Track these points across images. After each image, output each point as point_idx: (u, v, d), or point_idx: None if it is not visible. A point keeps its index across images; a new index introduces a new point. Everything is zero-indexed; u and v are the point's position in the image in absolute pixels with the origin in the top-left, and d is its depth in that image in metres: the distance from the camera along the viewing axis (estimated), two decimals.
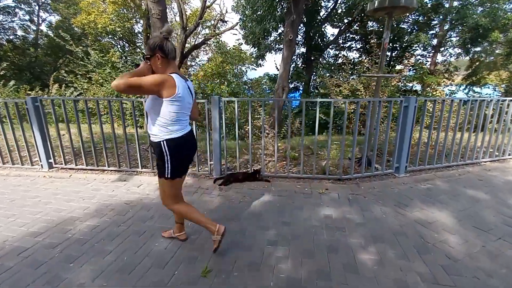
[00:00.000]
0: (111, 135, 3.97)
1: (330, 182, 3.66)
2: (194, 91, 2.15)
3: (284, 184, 3.60)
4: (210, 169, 3.93)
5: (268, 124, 5.57)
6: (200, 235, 2.46)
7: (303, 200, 3.15)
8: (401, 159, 3.87)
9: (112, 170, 4.12)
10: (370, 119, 3.72)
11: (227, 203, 3.08)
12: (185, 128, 2.03)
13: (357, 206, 3.00)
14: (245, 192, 3.39)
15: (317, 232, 2.50)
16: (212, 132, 3.75)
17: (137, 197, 3.25)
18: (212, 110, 3.65)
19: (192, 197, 3.25)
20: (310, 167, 4.29)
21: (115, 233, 2.50)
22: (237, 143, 3.83)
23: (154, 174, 3.98)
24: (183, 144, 2.00)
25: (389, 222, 2.66)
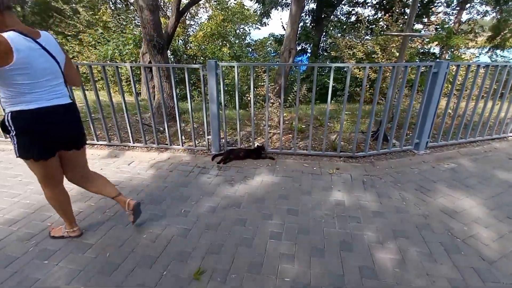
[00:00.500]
0: (103, 104, 3.54)
1: (341, 160, 3.27)
2: (62, 49, 1.66)
3: (290, 163, 3.23)
4: (208, 144, 3.55)
5: (273, 92, 5.03)
6: (195, 225, 2.17)
7: (311, 182, 2.80)
8: (422, 134, 3.42)
9: (102, 145, 3.77)
10: (392, 87, 3.18)
11: (226, 186, 2.75)
12: (41, 99, 1.54)
13: (373, 191, 2.64)
14: (247, 171, 3.04)
15: (328, 223, 2.18)
16: (209, 103, 3.29)
17: (126, 177, 2.94)
18: (208, 77, 3.15)
19: (188, 177, 2.92)
20: (319, 141, 3.88)
21: (98, 222, 2.22)
22: (237, 115, 3.38)
23: (148, 150, 3.63)
24: (35, 119, 1.55)
25: (411, 212, 2.32)
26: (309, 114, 5.65)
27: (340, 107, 5.97)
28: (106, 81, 3.32)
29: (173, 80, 3.25)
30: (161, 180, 2.86)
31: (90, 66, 3.34)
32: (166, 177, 2.92)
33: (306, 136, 4.13)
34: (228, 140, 3.87)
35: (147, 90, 3.34)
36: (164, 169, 3.11)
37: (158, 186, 2.74)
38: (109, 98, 3.42)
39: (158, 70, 3.25)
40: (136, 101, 3.40)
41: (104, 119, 3.62)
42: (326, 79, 8.12)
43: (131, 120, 3.64)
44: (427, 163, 3.26)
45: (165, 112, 3.41)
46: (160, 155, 3.49)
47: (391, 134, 3.37)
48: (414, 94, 3.26)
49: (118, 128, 3.63)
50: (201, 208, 2.39)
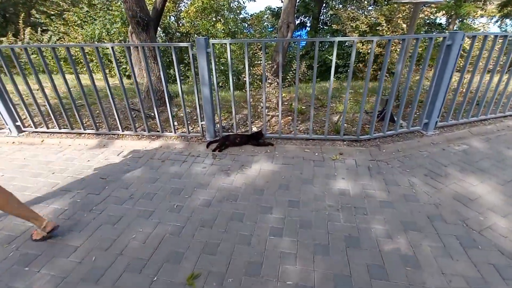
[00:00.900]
0: (91, 89, 3.26)
1: (345, 144, 3.06)
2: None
3: (290, 148, 3.02)
4: (202, 130, 3.32)
5: (271, 72, 4.71)
6: (189, 222, 2.01)
7: (313, 170, 2.61)
8: (432, 113, 3.18)
9: (89, 134, 3.54)
10: (401, 62, 2.89)
11: (221, 176, 2.56)
12: None
13: (380, 177, 2.46)
14: (244, 159, 2.85)
15: (332, 216, 2.02)
16: (201, 86, 3.01)
17: (115, 169, 2.74)
18: (198, 57, 2.85)
19: (181, 167, 2.73)
20: (320, 124, 3.65)
21: (84, 220, 2.05)
22: (232, 98, 3.12)
23: (138, 138, 3.41)
24: None
25: (421, 200, 2.15)
26: (309, 94, 5.35)
27: (342, 85, 5.67)
28: (86, 64, 3.02)
29: (159, 60, 2.95)
30: (152, 172, 2.67)
31: (68, 48, 3.03)
32: (157, 168, 2.73)
33: (307, 118, 3.89)
34: (223, 125, 3.63)
35: (133, 72, 3.05)
36: (155, 159, 2.91)
37: (149, 178, 2.56)
38: (91, 82, 3.14)
39: (143, 50, 2.94)
40: (121, 85, 3.12)
41: (89, 106, 3.36)
42: (327, 55, 7.70)
43: (119, 106, 3.39)
44: (436, 144, 3.05)
45: (153, 96, 3.14)
46: (152, 143, 3.27)
47: (399, 114, 3.13)
48: (425, 69, 2.97)
49: (105, 116, 3.39)
50: (195, 202, 2.22)
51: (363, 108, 2.99)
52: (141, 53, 2.89)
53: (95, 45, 2.95)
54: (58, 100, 3.33)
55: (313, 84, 3.00)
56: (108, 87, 3.13)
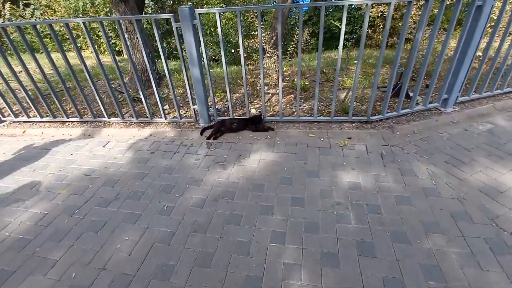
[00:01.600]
0: (67, 73, 2.91)
1: (354, 127, 2.74)
2: None
3: (292, 133, 2.72)
4: (195, 115, 3.01)
5: (270, 44, 4.23)
6: (181, 227, 1.79)
7: (319, 159, 2.33)
8: (453, 87, 2.80)
9: (74, 122, 3.26)
10: (422, 28, 2.45)
11: (217, 169, 2.31)
12: None
13: (394, 167, 2.18)
14: (242, 148, 2.57)
15: (341, 217, 1.78)
16: (189, 65, 2.64)
17: (101, 163, 2.50)
18: (184, 31, 2.44)
19: (172, 160, 2.47)
20: (326, 102, 3.29)
21: (65, 228, 1.85)
22: (226, 78, 2.76)
23: (126, 125, 3.12)
24: None
25: (443, 194, 1.89)
26: (313, 67, 4.86)
27: (349, 55, 5.16)
28: (57, 43, 2.63)
29: (139, 36, 2.55)
30: (141, 166, 2.42)
31: (28, 26, 2.61)
32: (147, 161, 2.48)
33: (311, 96, 3.52)
34: (218, 107, 3.30)
35: (110, 50, 2.66)
36: (145, 150, 2.64)
37: (137, 174, 2.32)
38: (65, 62, 2.77)
39: (119, 23, 2.52)
40: (99, 66, 2.76)
41: (68, 91, 3.03)
42: (332, 21, 7.00)
43: (104, 89, 3.04)
44: (457, 124, 2.72)
45: (137, 77, 2.78)
46: (141, 131, 2.99)
47: (416, 89, 2.75)
48: (451, 33, 2.53)
49: (88, 102, 3.07)
50: (188, 202, 1.99)
51: (376, 83, 2.61)
52: (118, 27, 2.48)
53: (64, 21, 2.54)
54: (34, 86, 3.00)
55: (319, 56, 2.59)
56: (86, 68, 2.77)
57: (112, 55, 2.67)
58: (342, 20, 2.36)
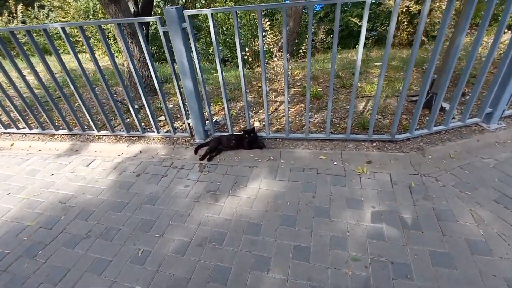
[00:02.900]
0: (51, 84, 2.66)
1: (375, 147, 2.29)
2: None
3: (300, 154, 2.31)
4: (190, 130, 2.66)
5: (278, 46, 3.80)
6: (155, 284, 1.45)
7: (331, 191, 1.91)
8: (500, 99, 2.27)
9: (63, 135, 3.01)
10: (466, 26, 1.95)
11: (207, 200, 1.94)
12: None
13: (427, 206, 1.72)
14: (239, 172, 2.19)
15: (358, 279, 1.36)
16: (180, 76, 2.29)
17: (80, 187, 2.21)
18: (172, 36, 2.08)
19: (159, 185, 2.14)
20: (341, 114, 2.84)
21: (23, 274, 1.56)
22: (222, 88, 2.38)
23: (116, 140, 2.83)
24: None
25: (495, 252, 1.42)
26: (328, 70, 4.33)
27: (369, 55, 4.63)
28: (38, 51, 2.36)
29: (121, 39, 2.22)
30: (122, 193, 2.10)
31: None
32: (130, 186, 2.16)
33: (324, 106, 3.08)
34: (217, 120, 2.94)
35: (91, 57, 2.36)
36: (130, 172, 2.33)
37: (116, 204, 2.00)
38: (47, 71, 2.50)
39: (100, 28, 2.20)
40: (83, 74, 2.46)
41: (55, 102, 2.78)
42: (350, 17, 6.43)
43: (91, 100, 2.77)
44: (505, 145, 2.20)
45: (123, 86, 2.47)
46: (131, 147, 2.68)
47: (454, 100, 2.24)
48: (502, 32, 2.00)
49: (75, 114, 2.80)
50: (167, 246, 1.64)
51: (404, 94, 2.13)
52: (100, 33, 2.16)
53: (40, 26, 2.25)
54: (19, 96, 2.77)
55: (333, 58, 2.12)
56: (68, 76, 2.49)
57: (112, 60, 2.35)
58: (364, 17, 1.92)
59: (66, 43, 2.25)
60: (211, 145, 2.43)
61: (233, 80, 4.20)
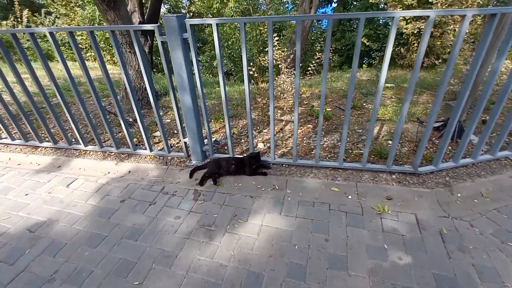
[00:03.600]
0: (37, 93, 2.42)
1: (395, 180, 2.01)
2: None
3: (309, 184, 2.02)
4: (187, 150, 2.39)
5: (286, 62, 3.60)
6: None
7: (347, 234, 1.61)
8: None
9: (47, 148, 2.74)
10: (483, 44, 1.72)
11: (200, 238, 1.64)
12: None
13: (465, 261, 1.42)
14: (238, 203, 1.90)
15: None
16: (178, 90, 2.04)
17: (55, 212, 1.91)
18: (171, 47, 1.86)
19: (144, 216, 1.84)
20: (353, 138, 2.59)
21: None
22: (225, 109, 2.13)
23: (104, 156, 2.55)
24: None
25: None
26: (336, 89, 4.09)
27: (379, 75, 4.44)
28: (23, 56, 2.14)
29: (115, 48, 1.99)
30: (101, 223, 1.81)
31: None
32: (111, 215, 1.86)
33: (334, 128, 2.83)
34: (217, 139, 2.68)
35: (101, 62, 2.12)
36: (114, 196, 2.04)
37: (92, 237, 1.70)
38: (33, 79, 2.27)
39: (92, 34, 1.98)
40: (70, 81, 2.22)
41: (39, 110, 2.53)
42: None
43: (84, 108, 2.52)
44: None
45: (114, 99, 2.22)
46: (119, 165, 2.41)
47: (485, 131, 1.98)
48: None
49: (61, 125, 2.55)
50: None
51: (432, 121, 1.87)
52: (91, 39, 1.93)
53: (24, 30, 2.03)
54: (2, 105, 2.53)
55: (353, 73, 1.87)
56: (55, 86, 2.25)
57: (103, 67, 2.11)
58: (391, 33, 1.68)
59: (54, 48, 2.02)
60: (209, 169, 2.15)
61: (236, 96, 3.99)
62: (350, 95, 1.88)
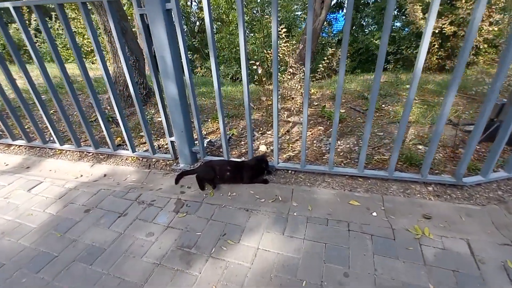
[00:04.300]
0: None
1: (433, 193, 1.56)
2: None
3: (321, 195, 1.60)
4: (174, 151, 2.01)
5: (295, 58, 3.23)
6: None
7: (376, 265, 1.17)
8: None
9: (20, 146, 2.42)
10: None
11: (174, 265, 1.23)
12: None
13: None
14: (229, 218, 1.48)
15: None
16: (162, 77, 1.68)
17: (3, 224, 1.54)
18: (151, 22, 1.51)
19: (109, 231, 1.45)
20: (373, 142, 2.16)
21: None
22: (218, 102, 1.75)
23: (80, 156, 2.20)
24: None
25: None
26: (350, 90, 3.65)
27: (398, 77, 4.03)
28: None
29: (87, 25, 1.66)
30: (53, 238, 1.42)
31: None
32: (69, 228, 1.48)
33: (349, 131, 2.42)
34: (212, 140, 2.30)
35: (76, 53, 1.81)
36: (79, 205, 1.66)
37: (38, 256, 1.31)
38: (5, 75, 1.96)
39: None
40: (46, 80, 1.90)
41: (12, 108, 2.22)
42: (372, 39, 5.94)
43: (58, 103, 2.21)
44: None
45: (91, 94, 1.88)
46: (95, 167, 2.05)
47: None
48: None
49: (35, 122, 2.22)
50: None
51: (482, 123, 1.44)
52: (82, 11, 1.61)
53: None
54: None
55: (378, 71, 1.48)
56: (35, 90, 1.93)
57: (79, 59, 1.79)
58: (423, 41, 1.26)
59: (19, 25, 1.72)
60: (200, 173, 1.75)
61: (239, 96, 3.63)
62: (376, 83, 1.47)
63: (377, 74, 1.43)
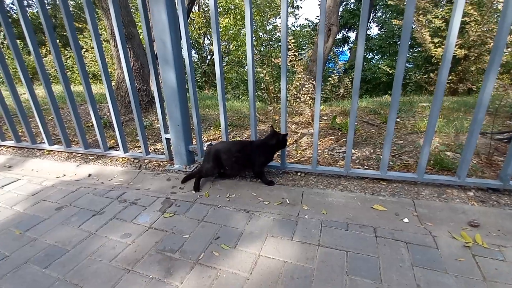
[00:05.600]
0: None
1: (475, 198, 1.27)
2: None
3: (337, 198, 1.33)
4: (169, 150, 1.80)
5: (305, 69, 3.15)
6: None
7: (416, 279, 0.86)
8: None
9: (9, 147, 2.27)
10: None
11: (150, 271, 0.95)
12: None
13: None
14: (226, 219, 1.21)
15: None
16: (160, 63, 1.55)
17: None
18: (150, 2, 1.42)
19: (79, 229, 1.19)
20: (392, 151, 1.92)
21: None
22: (220, 103, 1.58)
23: (68, 157, 2.01)
24: None
25: None
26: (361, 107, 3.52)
27: (411, 99, 3.89)
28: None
29: (90, 25, 1.58)
30: (13, 236, 1.17)
31: None
32: (33, 226, 1.23)
33: (364, 140, 2.19)
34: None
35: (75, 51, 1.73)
36: (51, 202, 1.42)
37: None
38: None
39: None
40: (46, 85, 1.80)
41: (4, 106, 2.10)
42: (380, 66, 5.94)
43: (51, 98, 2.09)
44: None
45: (87, 95, 1.75)
46: (81, 168, 1.84)
47: None
48: None
49: (26, 122, 2.09)
50: None
51: None
52: None
53: None
54: None
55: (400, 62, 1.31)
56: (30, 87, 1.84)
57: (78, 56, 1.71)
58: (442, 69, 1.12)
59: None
60: (204, 166, 1.51)
61: (245, 110, 3.50)
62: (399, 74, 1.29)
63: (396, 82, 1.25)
